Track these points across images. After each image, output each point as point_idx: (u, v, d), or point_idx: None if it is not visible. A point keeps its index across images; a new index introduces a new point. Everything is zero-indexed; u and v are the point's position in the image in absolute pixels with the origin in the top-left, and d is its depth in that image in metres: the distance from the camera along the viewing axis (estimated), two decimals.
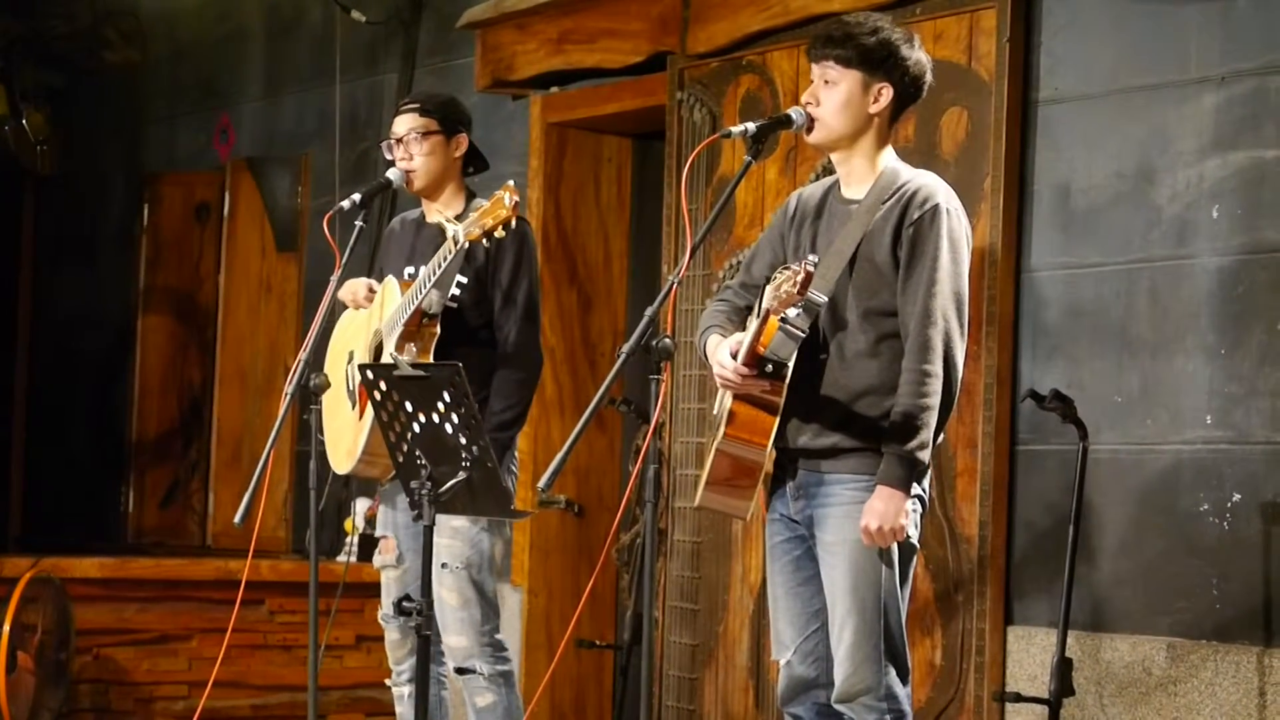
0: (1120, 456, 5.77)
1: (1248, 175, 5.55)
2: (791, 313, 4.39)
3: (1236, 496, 5.50)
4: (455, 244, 5.32)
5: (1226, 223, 5.58)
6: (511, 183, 5.28)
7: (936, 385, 4.57)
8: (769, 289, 4.47)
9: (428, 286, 5.45)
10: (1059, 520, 5.71)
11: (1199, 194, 5.65)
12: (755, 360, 4.56)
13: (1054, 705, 5.54)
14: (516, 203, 5.22)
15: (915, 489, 4.63)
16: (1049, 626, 5.76)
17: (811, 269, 4.35)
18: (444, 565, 5.60)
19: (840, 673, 4.65)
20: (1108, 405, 5.78)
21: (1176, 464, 5.65)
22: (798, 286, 4.33)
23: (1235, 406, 5.53)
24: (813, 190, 4.90)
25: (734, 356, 4.61)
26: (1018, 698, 5.73)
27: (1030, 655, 5.90)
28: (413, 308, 5.49)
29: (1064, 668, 5.53)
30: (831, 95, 4.72)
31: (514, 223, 5.24)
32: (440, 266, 5.40)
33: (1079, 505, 5.56)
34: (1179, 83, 5.72)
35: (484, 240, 5.28)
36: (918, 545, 4.73)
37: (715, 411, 4.86)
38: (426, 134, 5.74)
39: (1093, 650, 5.76)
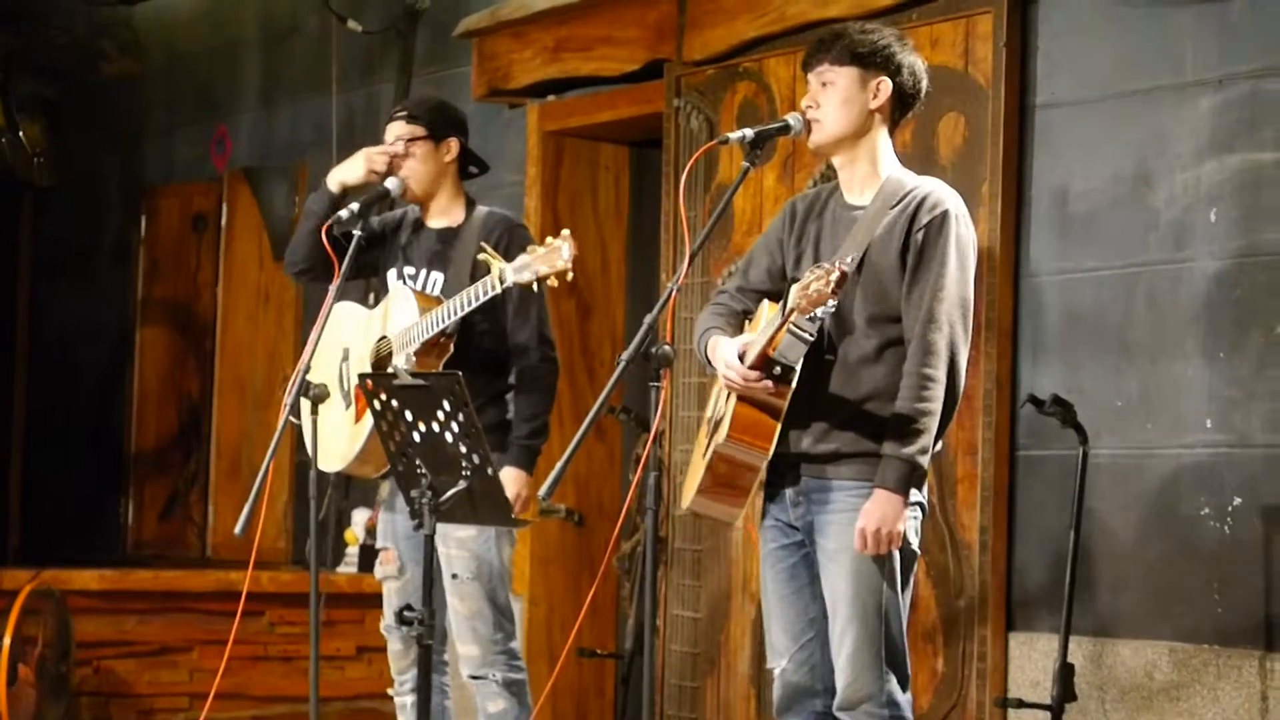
0: (1120, 461, 5.76)
1: (1245, 178, 5.55)
2: (819, 313, 4.35)
3: (1237, 500, 5.50)
4: (501, 284, 5.30)
5: (1224, 226, 5.58)
6: (568, 231, 5.25)
7: (938, 390, 4.56)
8: (796, 288, 4.39)
9: (457, 315, 5.43)
10: (1060, 525, 5.71)
11: (1196, 197, 5.65)
12: (763, 363, 4.54)
13: (1056, 711, 5.54)
14: (577, 256, 5.20)
15: (915, 495, 4.62)
16: (1051, 632, 5.76)
17: (846, 269, 4.31)
18: (454, 576, 5.60)
19: (842, 680, 4.64)
20: (1108, 410, 5.78)
21: (1177, 468, 5.65)
22: (831, 286, 4.28)
23: (1235, 410, 5.52)
24: (812, 196, 4.89)
25: (741, 358, 4.60)
26: (1020, 704, 5.72)
27: (1032, 661, 5.90)
28: (434, 331, 5.47)
29: (1066, 673, 5.52)
30: (830, 95, 4.71)
31: (568, 278, 5.23)
32: (476, 299, 5.37)
33: (1079, 510, 5.56)
34: (1175, 86, 5.72)
35: (534, 286, 5.27)
36: (918, 552, 4.71)
37: (710, 413, 4.84)
38: (415, 140, 5.74)
39: (1095, 656, 5.76)
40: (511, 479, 5.52)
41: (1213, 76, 5.63)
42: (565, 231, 5.24)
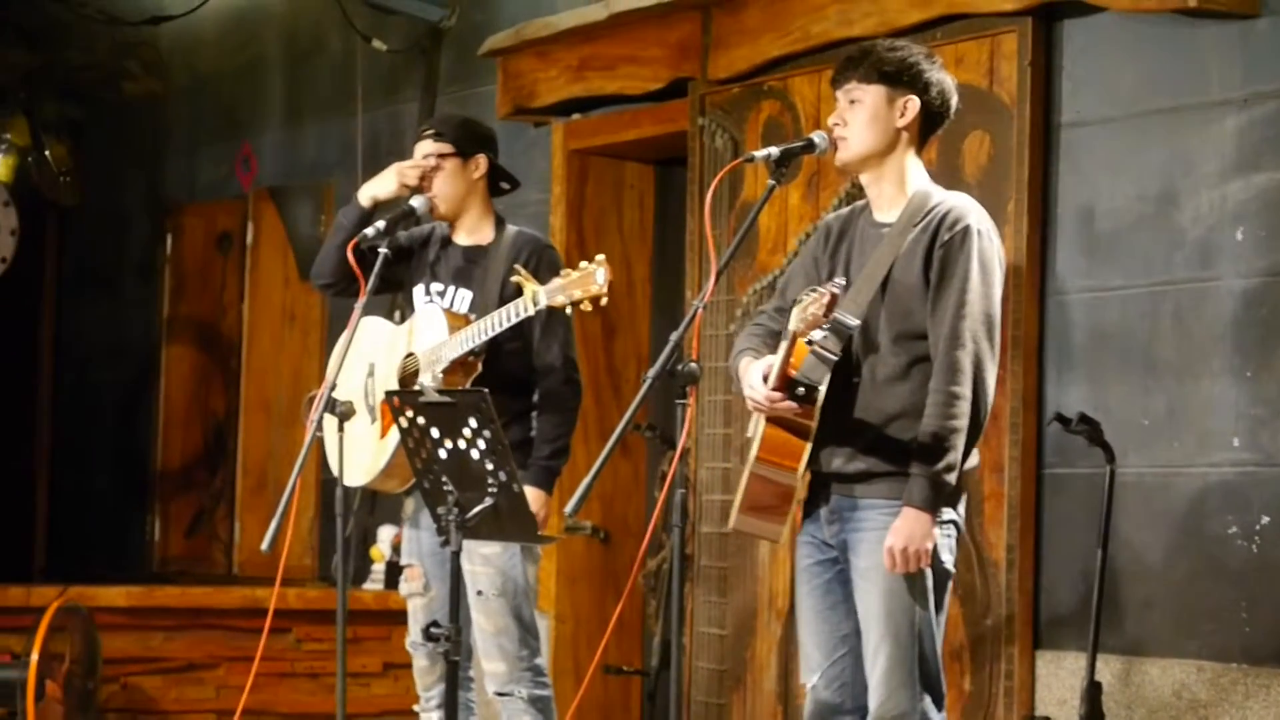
0: (1147, 479, 5.76)
1: (1271, 197, 5.55)
2: (819, 335, 4.39)
3: (1265, 519, 5.49)
4: (535, 305, 5.32)
5: (1250, 245, 5.58)
6: (603, 256, 5.27)
7: (965, 407, 4.56)
8: (795, 311, 4.48)
9: (487, 335, 5.44)
10: (1087, 544, 5.70)
11: (1222, 216, 5.65)
12: (786, 383, 4.56)
13: None
14: (610, 282, 5.22)
15: (949, 514, 4.63)
16: (1078, 650, 5.75)
17: (837, 291, 4.36)
18: (480, 593, 5.61)
19: (875, 699, 4.64)
20: (1134, 428, 5.77)
21: (1204, 487, 5.64)
22: (823, 309, 4.34)
23: (1262, 428, 5.52)
24: (846, 215, 4.90)
25: (765, 380, 4.61)
26: None
27: (1059, 679, 5.89)
28: (463, 350, 5.49)
29: (1093, 692, 5.52)
30: (857, 112, 4.72)
31: (603, 303, 5.24)
32: (508, 321, 5.39)
33: (1106, 529, 5.56)
34: (1201, 105, 5.72)
35: (567, 310, 5.29)
36: (953, 570, 4.71)
37: (749, 434, 4.86)
38: (442, 157, 5.75)
39: (1122, 674, 5.75)
40: (530, 499, 5.53)
41: (1238, 95, 5.63)
42: (600, 256, 5.25)
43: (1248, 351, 5.56)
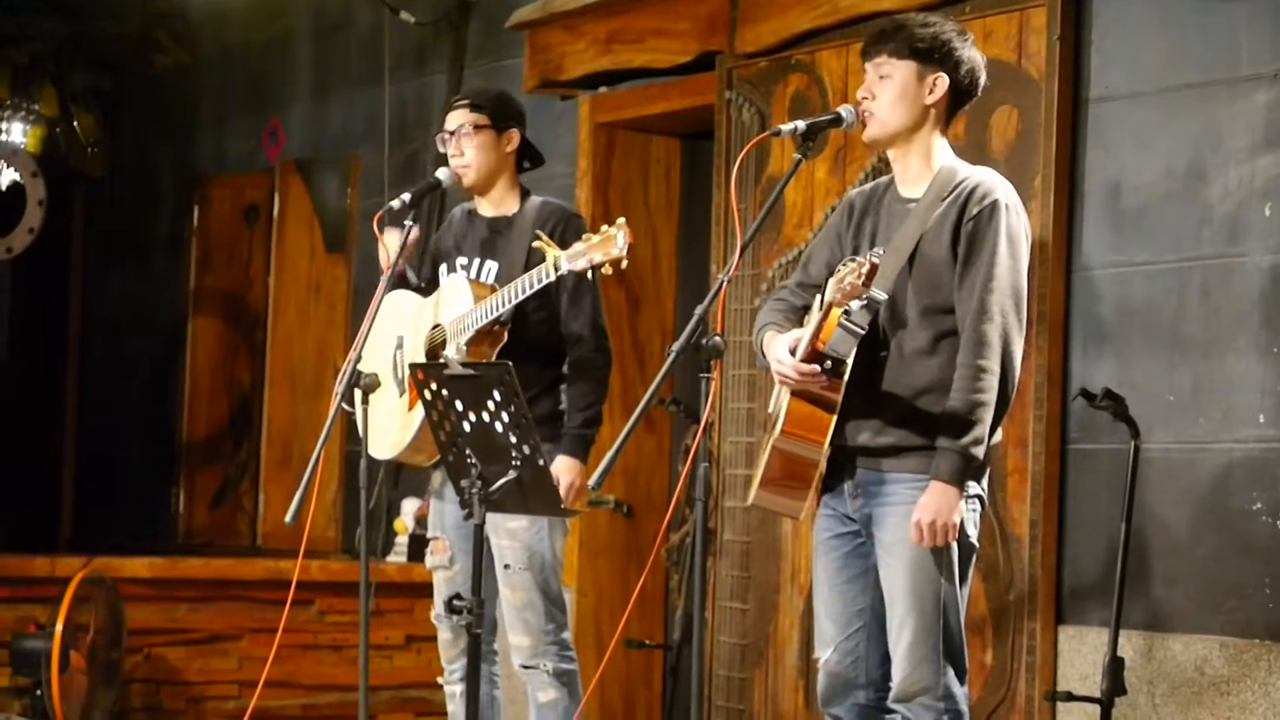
0: (1172, 455, 5.74)
1: None
2: (854, 306, 4.37)
3: None
4: (556, 270, 5.32)
5: (1279, 221, 5.56)
6: (624, 220, 5.26)
7: (992, 381, 4.55)
8: (831, 281, 4.44)
9: (511, 303, 5.45)
10: (1110, 519, 5.69)
11: (1251, 192, 5.62)
12: (814, 356, 4.54)
13: (1106, 705, 5.52)
14: (630, 245, 5.21)
15: (974, 488, 4.62)
16: (1101, 626, 5.74)
17: (876, 261, 4.32)
18: (506, 566, 5.61)
19: (899, 672, 4.64)
20: (1159, 404, 5.76)
21: (1229, 463, 5.62)
22: (862, 278, 4.30)
23: None
24: (869, 190, 4.89)
25: (793, 353, 4.60)
26: (1069, 697, 5.71)
27: (1082, 655, 5.88)
28: (490, 318, 5.49)
29: (1116, 667, 5.51)
30: (886, 88, 4.70)
31: (623, 265, 5.23)
32: (530, 287, 5.39)
33: (1130, 504, 5.54)
34: (1230, 80, 5.69)
35: (589, 273, 5.29)
36: (977, 544, 4.71)
37: (771, 409, 4.84)
38: (478, 128, 5.74)
39: (1145, 650, 5.74)
40: (565, 468, 5.53)
41: (1268, 70, 5.60)
42: (621, 220, 5.25)
43: (1275, 328, 5.54)
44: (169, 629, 7.64)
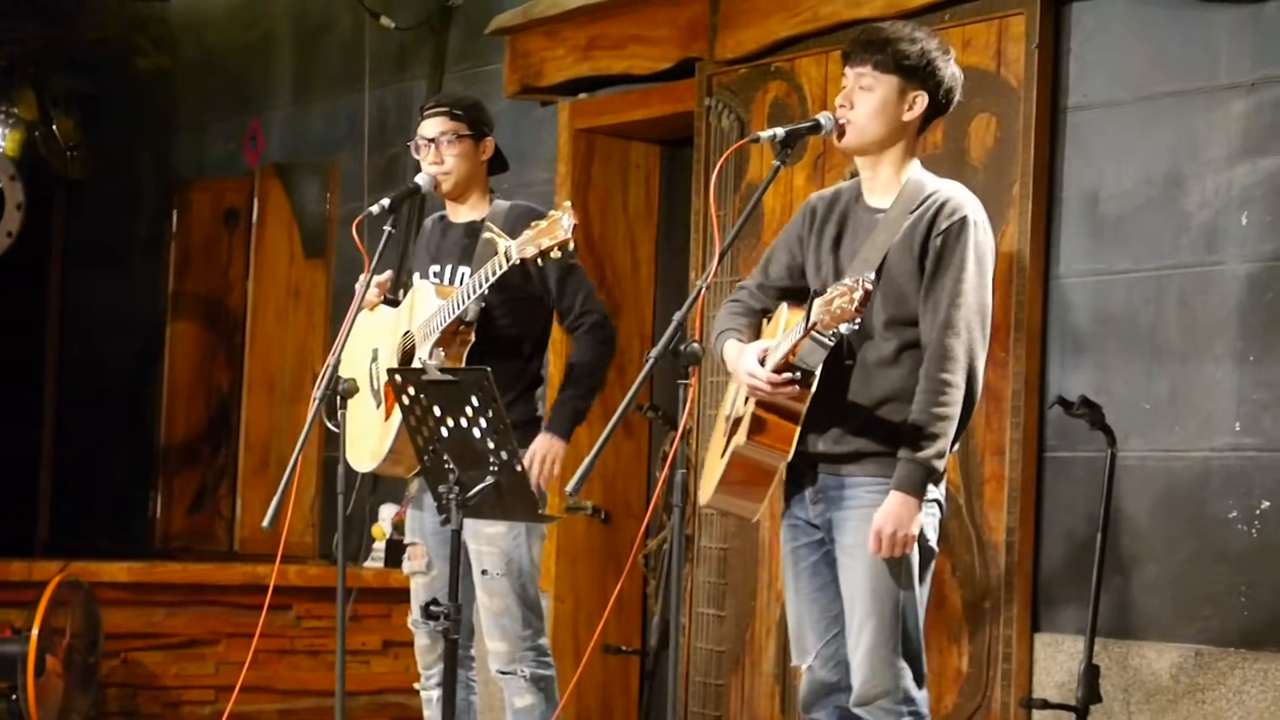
0: (1148, 463, 5.76)
1: (1277, 181, 5.54)
2: (844, 329, 4.35)
3: (1265, 504, 5.49)
4: (508, 260, 5.32)
5: (1256, 229, 5.57)
6: (569, 203, 5.28)
7: (957, 395, 4.57)
8: (818, 303, 4.38)
9: (471, 297, 5.45)
10: (1087, 527, 5.70)
11: (1228, 200, 5.64)
12: (784, 367, 4.55)
13: (1081, 712, 5.53)
14: (575, 225, 5.22)
15: (933, 493, 4.64)
16: (1076, 634, 5.75)
17: (870, 287, 4.30)
18: (484, 572, 5.61)
19: (859, 676, 4.65)
20: (1136, 412, 5.77)
21: (1205, 471, 5.64)
22: (855, 304, 4.27)
23: (1264, 413, 5.52)
24: (831, 195, 4.90)
25: (762, 363, 4.60)
26: (1045, 705, 5.72)
27: (1057, 662, 5.89)
28: (452, 317, 5.50)
29: (1091, 675, 5.52)
30: (866, 100, 4.71)
31: (570, 247, 5.24)
32: (487, 279, 5.40)
33: (1107, 512, 5.56)
34: (1208, 89, 5.71)
35: (538, 260, 5.30)
36: (936, 549, 4.72)
37: (727, 413, 4.85)
38: (459, 137, 5.75)
39: (1120, 657, 5.75)
40: (541, 444, 5.55)
41: (1246, 79, 5.62)
42: (566, 204, 5.26)
43: (1251, 336, 5.56)
44: (146, 633, 7.63)
